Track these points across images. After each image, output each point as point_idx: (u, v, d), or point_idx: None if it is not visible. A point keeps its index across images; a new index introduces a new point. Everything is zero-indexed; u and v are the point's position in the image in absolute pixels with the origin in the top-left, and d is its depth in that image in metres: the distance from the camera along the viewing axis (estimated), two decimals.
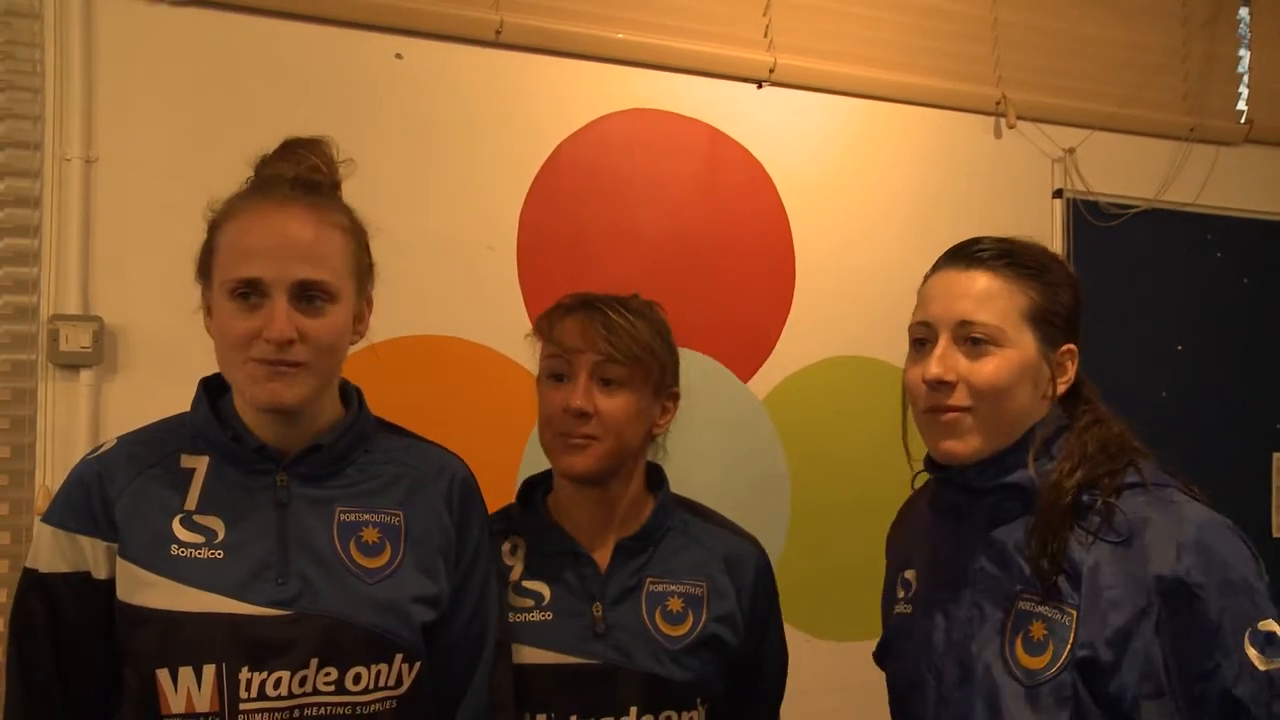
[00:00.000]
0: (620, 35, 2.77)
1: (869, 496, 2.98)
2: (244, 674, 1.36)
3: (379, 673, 1.42)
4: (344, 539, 1.45)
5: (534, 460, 2.64)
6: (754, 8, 2.91)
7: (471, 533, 1.57)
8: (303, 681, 1.38)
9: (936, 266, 1.56)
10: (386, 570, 1.46)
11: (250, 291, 1.38)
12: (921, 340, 1.51)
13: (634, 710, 1.60)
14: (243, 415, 1.46)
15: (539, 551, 1.69)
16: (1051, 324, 1.49)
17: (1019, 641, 1.40)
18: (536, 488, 1.76)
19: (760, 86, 2.93)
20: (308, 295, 1.39)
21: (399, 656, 1.44)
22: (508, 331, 2.66)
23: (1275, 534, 3.37)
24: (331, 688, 1.39)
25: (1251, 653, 1.31)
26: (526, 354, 2.64)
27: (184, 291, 2.28)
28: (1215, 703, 1.31)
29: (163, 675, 1.35)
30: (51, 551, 1.40)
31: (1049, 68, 3.24)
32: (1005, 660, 1.41)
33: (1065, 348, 1.51)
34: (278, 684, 1.37)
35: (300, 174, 1.44)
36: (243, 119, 2.42)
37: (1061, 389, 1.51)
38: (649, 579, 1.66)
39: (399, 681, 1.44)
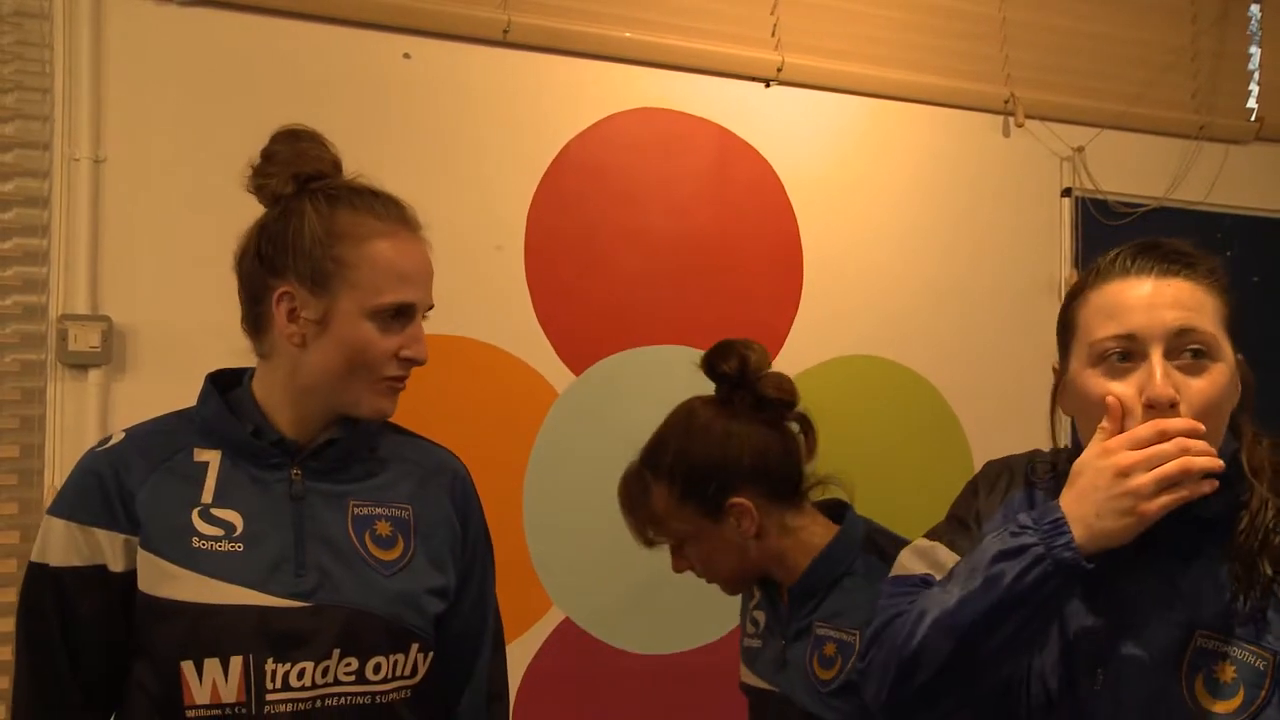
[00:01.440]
0: (628, 34, 2.78)
1: (878, 497, 2.99)
2: (270, 665, 1.37)
3: (396, 662, 1.44)
4: (359, 532, 1.46)
5: (543, 455, 2.69)
6: (762, 7, 2.92)
7: (472, 528, 1.60)
8: (325, 672, 1.40)
9: (1118, 272, 1.33)
10: (401, 563, 1.48)
11: (401, 314, 1.44)
12: (1122, 354, 1.29)
13: None
14: (270, 411, 1.47)
15: (765, 585, 1.82)
16: (1234, 333, 1.34)
17: (1199, 681, 1.25)
18: None
19: (768, 85, 2.94)
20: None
21: (415, 646, 1.46)
22: (516, 330, 2.68)
23: None
24: (352, 678, 1.41)
25: None
26: (534, 353, 2.69)
27: (193, 291, 2.33)
28: None
29: (187, 667, 1.36)
30: (64, 545, 1.40)
31: (1057, 66, 3.25)
32: (1182, 700, 1.25)
33: (1239, 356, 1.36)
34: (301, 675, 1.39)
35: (397, 199, 1.52)
36: (250, 119, 2.39)
37: (1245, 402, 1.35)
38: (817, 623, 1.69)
39: (414, 671, 1.47)
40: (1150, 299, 1.29)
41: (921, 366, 3.06)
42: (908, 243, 3.06)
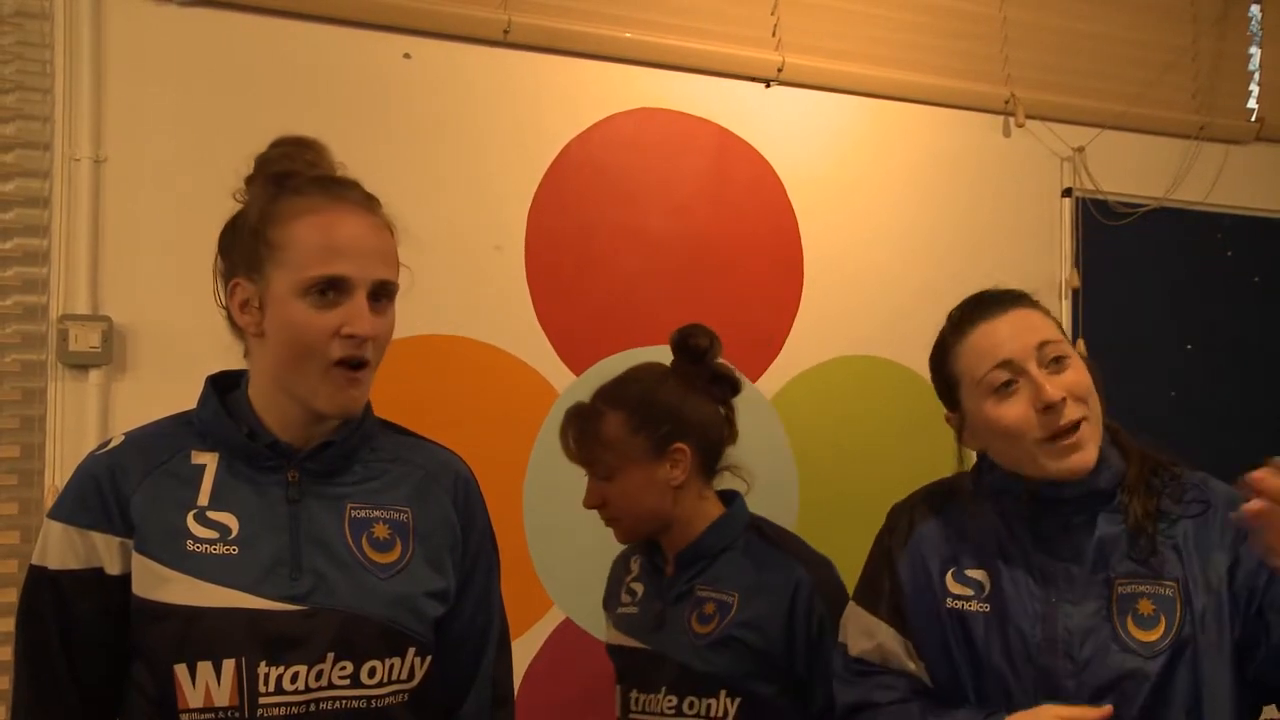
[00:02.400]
0: (628, 35, 2.79)
1: (878, 497, 2.99)
2: (263, 668, 1.37)
3: (392, 666, 1.45)
4: (356, 535, 1.47)
5: (543, 456, 2.69)
6: (762, 7, 2.94)
7: (475, 529, 1.60)
8: (319, 675, 1.40)
9: (971, 322, 1.68)
10: (398, 565, 1.48)
11: (331, 289, 1.40)
12: (1007, 383, 1.60)
13: (663, 690, 1.95)
14: (261, 412, 1.47)
15: (644, 562, 2.09)
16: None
17: (1129, 620, 1.56)
18: None
19: (768, 86, 2.95)
20: (375, 296, 1.44)
21: (411, 650, 1.47)
22: (516, 331, 2.69)
23: None
24: (347, 681, 1.41)
25: None
26: (534, 353, 2.70)
27: (193, 291, 2.31)
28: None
29: (180, 670, 1.36)
30: (61, 548, 1.41)
31: (1058, 66, 3.26)
32: (1121, 640, 1.56)
33: (1083, 354, 1.69)
34: (295, 678, 1.39)
35: (352, 180, 1.51)
36: (251, 119, 2.44)
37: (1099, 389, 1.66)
38: (698, 586, 1.97)
39: (411, 675, 1.47)
40: (1009, 331, 1.62)
41: (922, 367, 2.99)
42: (908, 243, 3.07)
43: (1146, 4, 3.37)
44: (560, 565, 2.71)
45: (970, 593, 1.67)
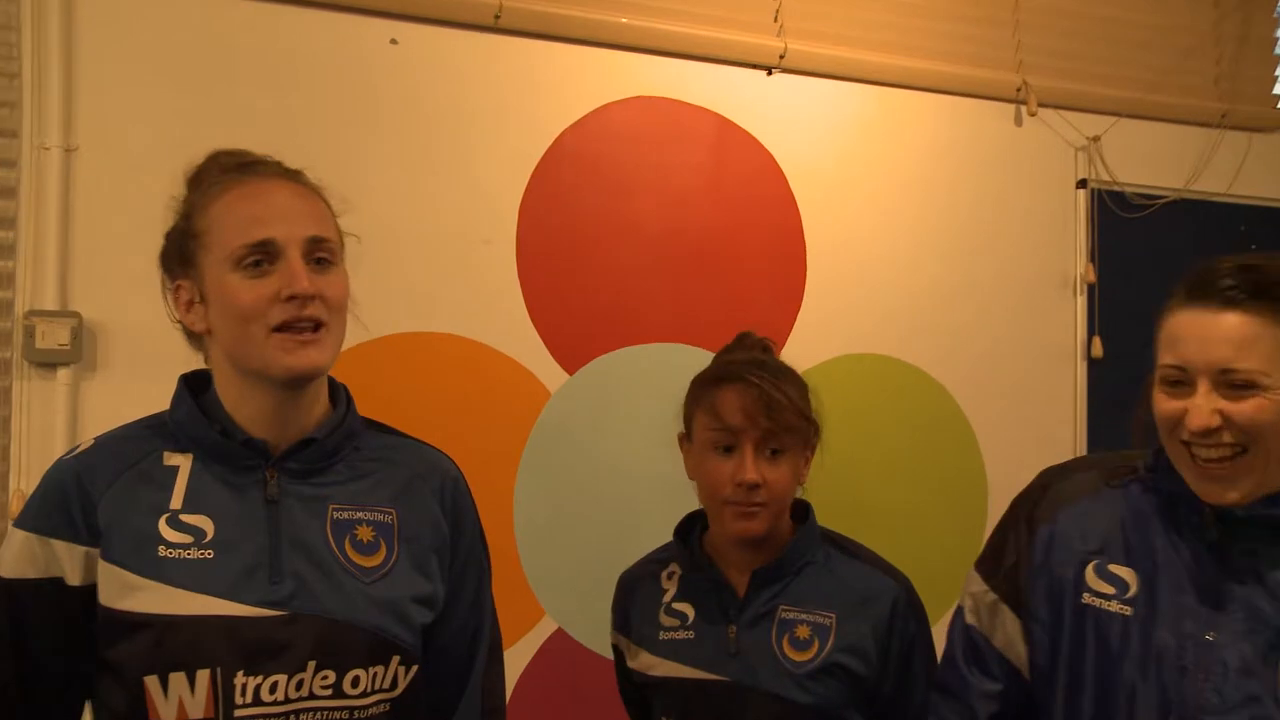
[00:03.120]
0: (624, 20, 2.75)
1: (883, 497, 2.97)
2: (239, 678, 1.35)
3: (376, 674, 1.42)
4: (338, 537, 1.44)
5: (535, 458, 2.66)
6: None
7: (465, 533, 1.57)
8: (299, 685, 1.37)
9: (1180, 301, 1.54)
10: (383, 569, 1.46)
11: (262, 257, 1.38)
12: (1176, 381, 1.51)
13: None
14: (231, 409, 1.45)
15: (690, 577, 1.88)
16: None
17: None
18: (696, 523, 1.93)
19: (770, 73, 2.91)
20: (316, 257, 1.41)
21: (396, 659, 1.44)
22: (506, 328, 2.66)
23: None
24: (329, 691, 1.39)
25: None
26: (526, 351, 2.66)
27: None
28: None
29: (152, 683, 1.33)
30: (18, 556, 1.38)
31: (1072, 52, 3.22)
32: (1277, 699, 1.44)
33: None
34: (274, 688, 1.36)
35: (270, 159, 1.49)
36: (231, 107, 2.40)
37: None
38: (782, 606, 1.81)
39: (394, 684, 1.44)
40: (1199, 333, 1.49)
41: (930, 365, 3.03)
42: (915, 237, 3.03)
43: None
44: (553, 574, 2.67)
45: (1112, 590, 1.57)
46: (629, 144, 2.78)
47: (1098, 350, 3.15)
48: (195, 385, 1.49)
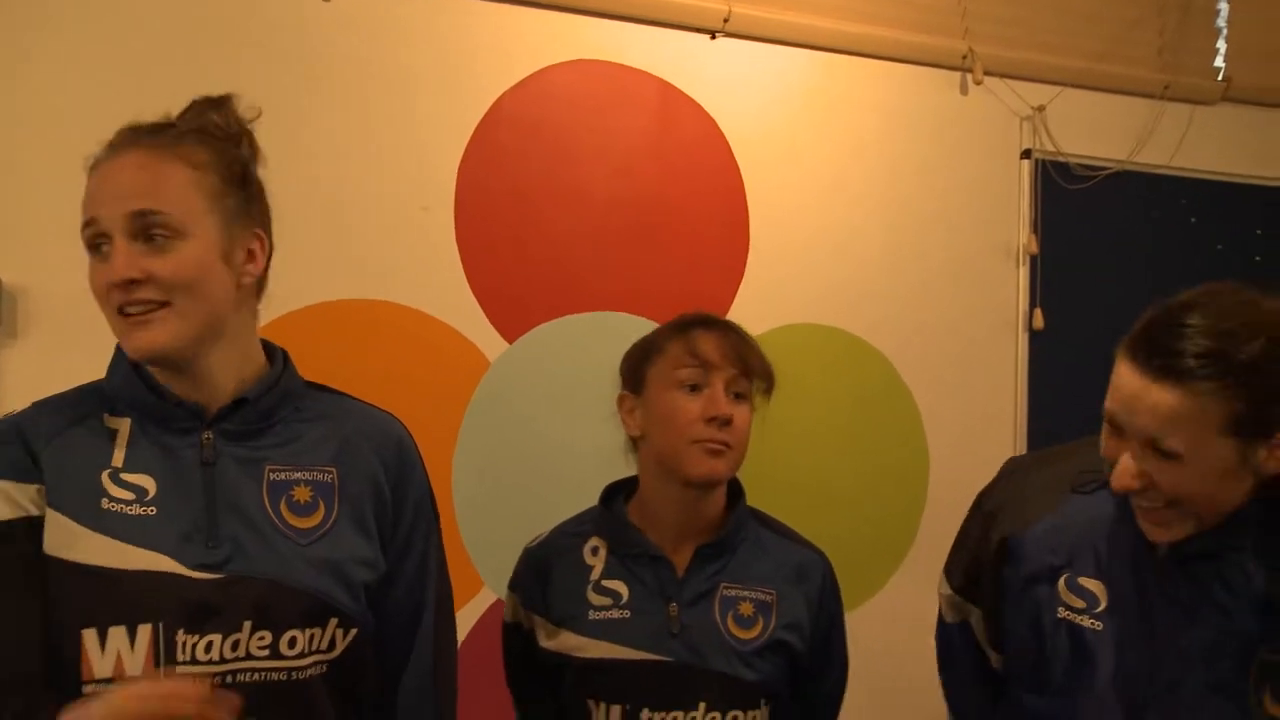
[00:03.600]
0: None
1: (826, 471, 2.98)
2: (180, 636, 1.35)
3: (313, 636, 1.42)
4: (274, 499, 1.44)
5: (474, 428, 2.64)
6: None
7: (409, 496, 1.57)
8: (235, 645, 1.37)
9: (1128, 350, 1.45)
10: (320, 530, 1.46)
11: (101, 240, 1.38)
12: (1112, 425, 1.48)
13: (703, 706, 1.75)
14: (159, 374, 1.44)
15: (618, 553, 1.84)
16: (1259, 423, 1.40)
17: (1266, 698, 1.44)
18: (618, 493, 1.91)
19: (714, 37, 2.89)
20: (149, 234, 1.38)
21: (334, 621, 1.44)
22: (444, 295, 2.63)
23: None
24: (266, 652, 1.39)
25: None
26: (464, 319, 2.64)
27: None
28: None
29: (89, 636, 1.33)
30: None
31: (1018, 20, 3.21)
32: (1250, 712, 1.45)
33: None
34: (209, 647, 1.36)
35: (152, 123, 1.45)
36: (154, 66, 2.35)
37: (1274, 470, 1.43)
38: (723, 584, 1.81)
39: (332, 645, 1.44)
40: (1132, 395, 1.42)
41: (872, 335, 3.04)
42: (859, 205, 3.03)
43: None
44: (492, 545, 2.66)
45: (1083, 604, 1.58)
46: (570, 108, 2.76)
47: (1039, 322, 3.18)
48: None
